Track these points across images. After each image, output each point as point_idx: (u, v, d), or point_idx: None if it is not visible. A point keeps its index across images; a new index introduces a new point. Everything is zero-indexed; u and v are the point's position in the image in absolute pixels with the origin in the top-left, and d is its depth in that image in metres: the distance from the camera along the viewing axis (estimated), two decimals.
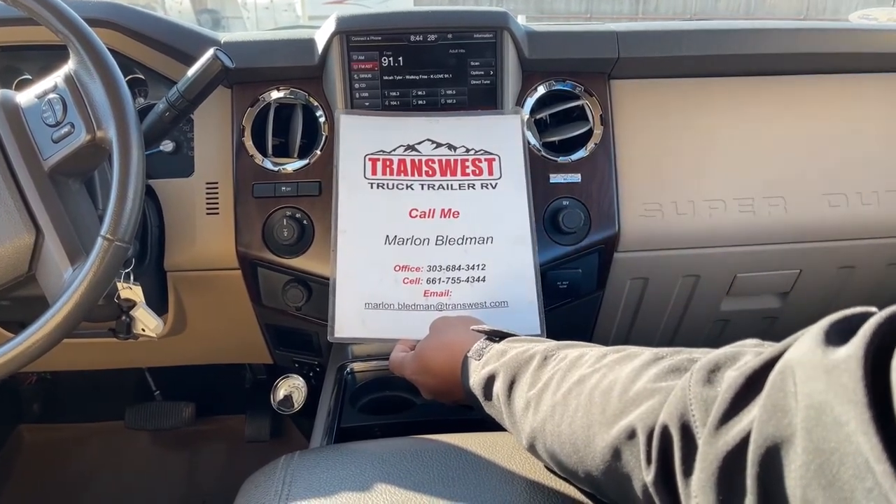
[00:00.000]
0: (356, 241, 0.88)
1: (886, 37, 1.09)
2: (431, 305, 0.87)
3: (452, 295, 0.88)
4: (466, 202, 0.90)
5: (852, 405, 0.28)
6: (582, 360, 0.53)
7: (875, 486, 0.27)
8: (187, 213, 0.96)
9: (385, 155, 0.91)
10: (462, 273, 0.88)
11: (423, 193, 0.90)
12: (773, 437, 0.33)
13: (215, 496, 1.44)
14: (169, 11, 6.13)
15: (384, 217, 0.89)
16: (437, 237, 0.89)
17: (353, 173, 0.90)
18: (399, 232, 0.88)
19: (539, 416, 0.53)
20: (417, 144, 0.92)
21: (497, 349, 0.63)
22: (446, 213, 0.89)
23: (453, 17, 0.94)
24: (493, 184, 0.91)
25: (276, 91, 0.97)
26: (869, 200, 1.04)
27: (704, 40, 1.02)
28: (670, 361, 0.46)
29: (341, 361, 0.99)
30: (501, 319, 0.84)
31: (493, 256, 0.89)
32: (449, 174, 0.91)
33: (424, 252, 0.88)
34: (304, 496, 0.54)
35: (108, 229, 0.66)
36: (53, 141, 0.71)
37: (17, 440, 1.54)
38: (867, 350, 0.29)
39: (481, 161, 0.91)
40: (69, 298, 0.66)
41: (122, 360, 1.27)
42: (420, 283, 0.87)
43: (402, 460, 0.57)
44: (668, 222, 1.00)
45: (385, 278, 0.87)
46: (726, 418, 0.36)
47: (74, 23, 0.69)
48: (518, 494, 0.54)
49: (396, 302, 0.87)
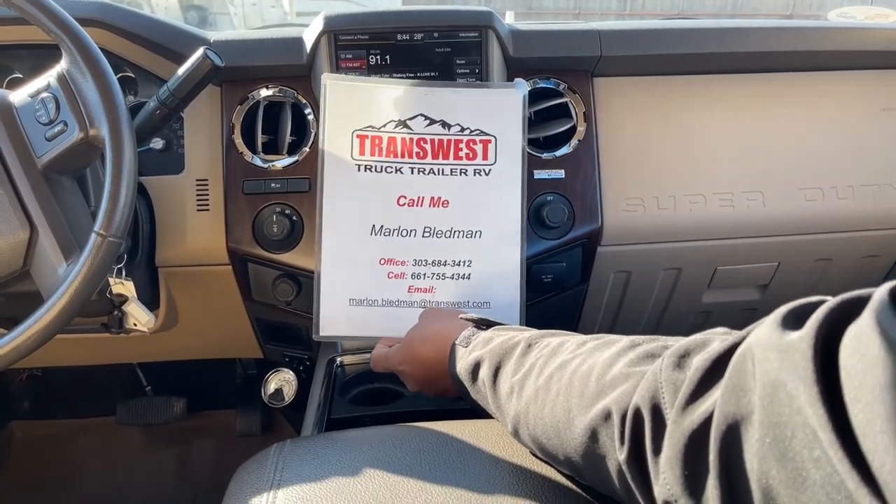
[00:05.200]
0: (342, 232, 0.86)
1: (863, 35, 1.12)
2: (415, 302, 0.88)
3: (437, 292, 0.88)
4: (457, 190, 0.87)
5: (802, 381, 0.31)
6: (564, 346, 0.56)
7: (822, 454, 0.29)
8: (178, 209, 0.98)
9: (375, 132, 0.87)
10: (447, 269, 0.88)
11: (413, 178, 0.87)
12: (733, 415, 0.35)
13: (207, 490, 1.45)
14: (155, 8, 6.08)
15: (371, 205, 0.87)
16: (424, 228, 0.87)
17: (341, 153, 0.87)
18: (386, 222, 0.87)
19: (523, 400, 0.55)
20: (409, 120, 0.87)
21: (483, 336, 0.65)
22: (435, 201, 0.87)
23: (439, 17, 0.96)
24: (487, 170, 0.87)
25: (266, 89, 0.98)
26: (844, 195, 1.07)
27: (685, 39, 1.04)
28: (645, 348, 0.49)
29: (331, 355, 1.00)
30: None
31: (479, 253, 0.88)
32: (441, 157, 0.87)
33: (410, 245, 0.87)
34: (296, 482, 0.56)
35: (101, 225, 0.68)
36: (47, 139, 0.72)
37: (7, 436, 1.54)
38: (818, 332, 0.32)
39: (476, 143, 0.87)
40: (63, 293, 0.68)
41: (113, 355, 1.28)
42: (405, 277, 0.87)
43: (390, 447, 0.60)
44: (649, 216, 1.03)
45: (370, 272, 0.87)
46: (692, 399, 0.39)
47: (66, 23, 0.70)
48: (501, 478, 0.56)
49: (381, 298, 0.87)
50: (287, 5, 7.93)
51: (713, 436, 0.36)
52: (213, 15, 8.21)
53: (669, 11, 9.93)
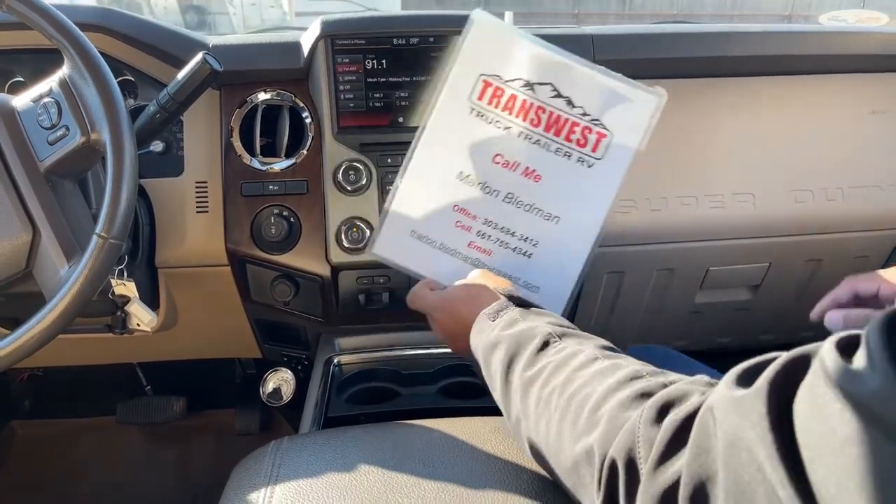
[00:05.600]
0: (431, 164, 0.83)
1: (854, 38, 1.14)
2: (469, 258, 0.85)
3: (493, 257, 0.85)
4: (554, 170, 0.83)
5: (759, 438, 0.33)
6: (575, 357, 0.56)
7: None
8: (177, 211, 0.99)
9: (500, 83, 0.82)
10: (512, 240, 0.85)
11: (518, 142, 0.83)
12: (698, 475, 0.37)
13: (206, 488, 1.47)
14: (154, 9, 6.09)
15: (467, 151, 0.83)
16: (507, 194, 0.84)
17: (460, 91, 0.83)
18: (474, 173, 0.84)
19: (526, 405, 0.56)
20: (538, 85, 0.82)
21: (509, 317, 0.64)
22: (529, 172, 0.83)
23: (434, 21, 0.98)
24: (591, 163, 0.83)
25: (264, 93, 1.00)
26: (834, 196, 1.09)
27: (677, 43, 1.06)
28: (643, 385, 0.49)
29: (328, 354, 1.02)
30: None
31: (549, 237, 0.85)
32: (553, 132, 0.82)
33: (488, 203, 0.84)
34: (293, 477, 0.57)
35: (102, 227, 0.69)
36: (49, 143, 0.74)
37: (9, 435, 1.56)
38: (770, 388, 0.34)
39: (591, 132, 0.82)
40: (66, 294, 0.69)
41: (114, 355, 1.30)
42: (470, 231, 0.85)
43: (385, 443, 0.61)
44: (642, 218, 1.05)
45: (440, 214, 0.84)
46: (663, 459, 0.41)
47: (68, 29, 0.71)
48: (494, 475, 0.57)
49: (440, 241, 0.85)
50: (286, 5, 7.93)
51: (681, 496, 0.38)
52: (212, 15, 8.20)
53: (668, 11, 9.95)
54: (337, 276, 1.01)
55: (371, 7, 5.31)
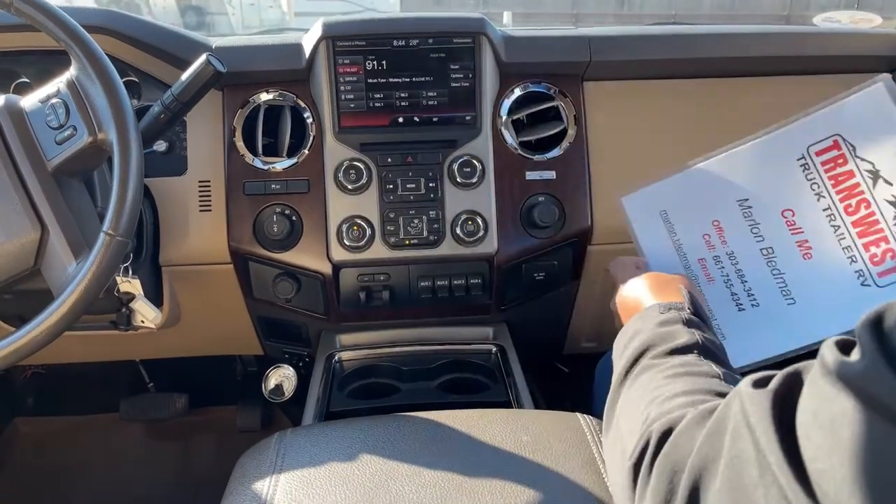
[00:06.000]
0: (730, 172, 0.79)
1: (847, 39, 1.16)
2: (690, 270, 0.82)
3: (710, 286, 0.81)
4: (829, 263, 0.74)
5: (760, 418, 0.38)
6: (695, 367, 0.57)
7: (773, 480, 0.35)
8: (181, 209, 1.01)
9: (849, 153, 0.73)
10: (738, 287, 0.79)
11: (818, 213, 0.74)
12: (706, 458, 0.42)
13: (208, 484, 1.48)
14: (153, 8, 6.09)
15: (768, 185, 0.77)
16: (769, 248, 0.77)
17: (809, 132, 0.75)
18: (756, 209, 0.78)
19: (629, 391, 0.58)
20: (884, 181, 0.71)
21: (672, 329, 0.62)
22: (804, 245, 0.75)
23: (434, 23, 1.00)
24: (867, 284, 0.72)
25: (266, 93, 1.01)
26: None
27: (672, 44, 1.08)
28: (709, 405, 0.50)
29: (330, 351, 1.04)
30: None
31: (770, 312, 0.78)
32: (859, 232, 0.72)
33: (745, 243, 0.78)
34: (296, 467, 0.59)
35: (109, 225, 0.71)
36: (57, 143, 0.76)
37: (13, 433, 1.57)
38: (781, 383, 0.39)
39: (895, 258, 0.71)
40: (73, 290, 0.71)
41: (117, 352, 1.31)
42: (710, 250, 0.80)
43: (386, 434, 0.63)
44: None
45: (699, 217, 0.81)
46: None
47: (76, 31, 0.73)
48: (490, 463, 0.59)
49: (679, 238, 0.82)
50: (285, 6, 7.94)
51: (689, 464, 0.43)
52: (211, 16, 8.21)
53: (667, 11, 9.96)
54: (338, 273, 1.02)
55: (369, 7, 5.29)
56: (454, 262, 1.03)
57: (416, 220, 1.00)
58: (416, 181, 1.00)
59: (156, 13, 5.77)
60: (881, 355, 0.32)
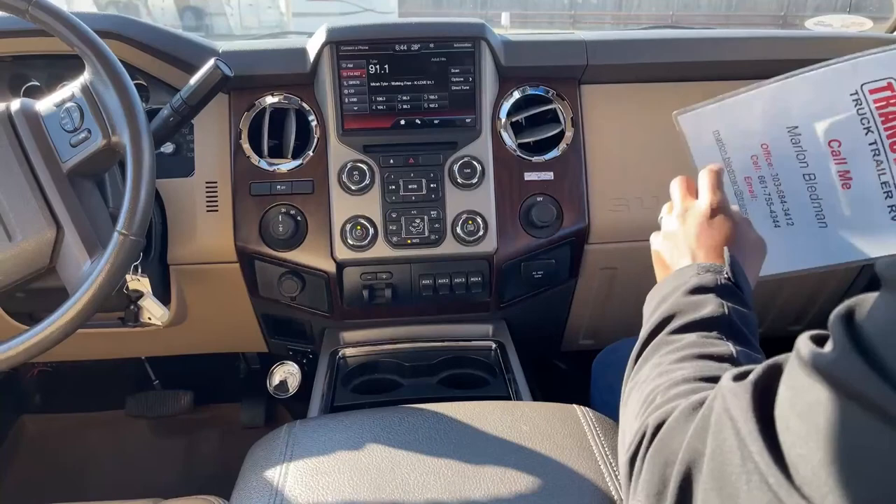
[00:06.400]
0: (786, 98, 0.78)
1: (839, 44, 1.18)
2: (736, 185, 0.83)
3: (752, 202, 0.82)
4: (867, 193, 0.75)
5: (742, 408, 0.40)
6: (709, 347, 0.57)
7: (755, 468, 0.37)
8: (188, 210, 1.04)
9: None
10: (776, 206, 0.81)
11: (864, 148, 0.75)
12: (695, 451, 0.43)
13: (213, 480, 1.51)
14: (151, 9, 6.10)
15: (819, 115, 0.76)
16: (811, 174, 0.78)
17: (866, 71, 0.73)
18: (804, 137, 0.78)
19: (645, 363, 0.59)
20: None
21: (701, 298, 0.61)
22: (845, 176, 0.76)
23: (435, 28, 1.02)
24: None
25: (271, 96, 1.04)
26: None
27: (667, 48, 1.11)
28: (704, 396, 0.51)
29: (334, 347, 1.07)
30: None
31: (803, 231, 0.80)
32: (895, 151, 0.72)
33: (789, 166, 0.79)
34: (306, 455, 0.62)
35: (123, 225, 0.73)
36: (72, 145, 0.78)
37: (20, 430, 1.60)
38: (758, 379, 0.41)
39: None
40: (89, 287, 0.73)
41: (124, 349, 1.34)
42: (755, 169, 0.81)
43: (392, 424, 0.66)
44: (633, 215, 1.09)
45: (749, 139, 0.81)
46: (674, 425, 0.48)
47: (90, 38, 0.76)
48: (492, 452, 0.62)
49: (728, 156, 0.83)
50: (283, 6, 7.95)
51: (679, 459, 0.45)
52: (210, 16, 8.21)
53: (664, 13, 10.01)
54: (342, 272, 1.05)
55: (368, 7, 5.29)
56: (455, 260, 1.06)
57: (418, 220, 1.03)
58: (417, 182, 1.03)
59: (154, 14, 5.78)
60: (853, 346, 0.34)
